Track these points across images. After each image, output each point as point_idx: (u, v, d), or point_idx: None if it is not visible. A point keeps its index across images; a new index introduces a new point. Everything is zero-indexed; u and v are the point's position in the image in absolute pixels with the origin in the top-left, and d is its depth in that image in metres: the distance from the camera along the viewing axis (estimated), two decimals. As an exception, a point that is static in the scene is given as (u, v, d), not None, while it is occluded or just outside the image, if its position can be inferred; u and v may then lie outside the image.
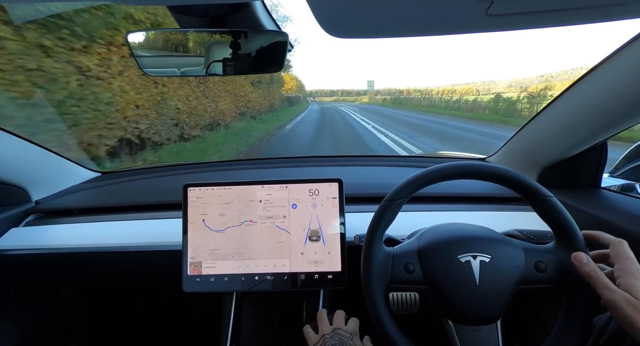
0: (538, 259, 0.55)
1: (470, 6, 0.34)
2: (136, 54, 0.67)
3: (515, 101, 21.93)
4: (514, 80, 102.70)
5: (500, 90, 68.82)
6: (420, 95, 64.12)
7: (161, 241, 0.84)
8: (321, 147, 7.58)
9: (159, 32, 0.73)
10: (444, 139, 9.23)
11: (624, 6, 0.35)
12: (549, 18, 0.38)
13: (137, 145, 4.57)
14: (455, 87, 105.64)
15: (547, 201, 0.54)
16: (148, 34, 0.70)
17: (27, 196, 0.95)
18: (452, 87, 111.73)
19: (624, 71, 0.62)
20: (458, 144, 8.65)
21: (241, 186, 0.75)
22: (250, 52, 0.68)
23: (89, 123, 3.55)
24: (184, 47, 0.69)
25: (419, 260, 0.58)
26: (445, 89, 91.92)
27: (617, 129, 0.72)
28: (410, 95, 71.53)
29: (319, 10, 0.36)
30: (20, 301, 0.96)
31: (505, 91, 61.86)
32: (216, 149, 6.56)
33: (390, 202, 0.58)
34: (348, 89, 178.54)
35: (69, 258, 0.87)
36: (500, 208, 0.89)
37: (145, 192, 1.06)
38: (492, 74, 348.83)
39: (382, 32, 0.42)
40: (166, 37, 0.70)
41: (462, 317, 0.55)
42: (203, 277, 0.73)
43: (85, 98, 3.50)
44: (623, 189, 0.87)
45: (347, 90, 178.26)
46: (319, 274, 0.72)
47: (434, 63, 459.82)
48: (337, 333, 0.59)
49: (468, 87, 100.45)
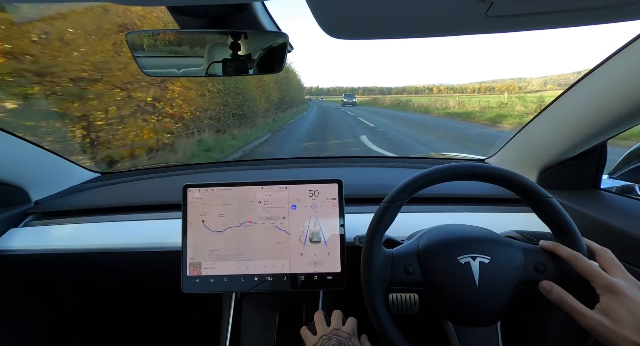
0: (537, 260, 0.55)
1: (470, 8, 0.34)
2: (136, 55, 0.67)
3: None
4: (548, 77, 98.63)
5: (536, 87, 65.95)
6: (453, 92, 61.27)
7: (160, 242, 0.83)
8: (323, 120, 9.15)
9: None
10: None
11: (625, 8, 0.35)
12: (549, 20, 0.38)
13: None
14: (482, 85, 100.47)
15: (546, 202, 0.54)
16: (148, 35, 0.70)
17: (26, 196, 0.95)
18: (478, 84, 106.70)
19: (624, 72, 0.62)
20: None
21: (241, 187, 0.75)
22: (250, 53, 0.68)
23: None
24: (184, 46, 0.70)
25: (418, 261, 0.58)
26: (482, 86, 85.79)
27: (616, 131, 0.72)
28: (442, 92, 68.44)
29: (319, 11, 0.36)
30: (20, 302, 0.96)
31: (547, 89, 59.47)
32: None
33: (390, 203, 0.58)
34: (370, 87, 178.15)
35: (69, 258, 0.86)
36: (499, 209, 0.89)
37: (145, 192, 1.06)
38: (519, 71, 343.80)
39: (383, 34, 0.42)
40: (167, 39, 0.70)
41: (462, 318, 0.55)
42: (202, 278, 0.72)
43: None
44: (623, 190, 0.87)
45: (369, 87, 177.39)
46: (319, 275, 0.72)
47: (459, 60, 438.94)
48: (335, 333, 0.59)
49: (507, 83, 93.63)
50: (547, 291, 0.50)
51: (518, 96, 31.12)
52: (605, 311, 0.44)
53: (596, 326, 0.44)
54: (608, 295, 0.45)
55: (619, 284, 0.45)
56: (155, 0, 0.38)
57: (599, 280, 0.46)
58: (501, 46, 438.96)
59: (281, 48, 0.67)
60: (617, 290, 0.44)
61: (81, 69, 4.97)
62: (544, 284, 0.51)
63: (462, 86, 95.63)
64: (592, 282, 0.47)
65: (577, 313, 0.46)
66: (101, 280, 1.04)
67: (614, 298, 0.44)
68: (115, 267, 0.90)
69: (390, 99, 61.35)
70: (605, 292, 0.45)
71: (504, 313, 0.54)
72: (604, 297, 0.45)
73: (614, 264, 0.49)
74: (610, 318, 0.43)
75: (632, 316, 0.42)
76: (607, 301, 0.44)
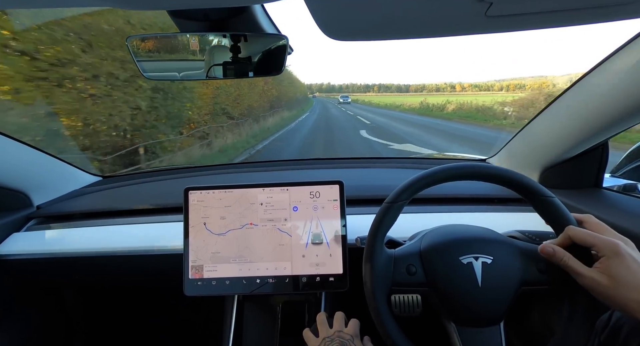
0: (540, 260, 0.54)
1: (470, 8, 0.34)
2: (136, 59, 0.67)
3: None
4: (574, 74, 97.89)
5: (563, 86, 64.56)
6: (478, 90, 56.01)
7: (162, 245, 0.84)
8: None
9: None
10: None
11: (623, 6, 0.35)
12: (548, 19, 0.38)
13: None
14: (502, 83, 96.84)
15: (549, 201, 0.54)
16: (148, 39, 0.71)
17: (28, 200, 0.96)
18: (497, 83, 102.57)
19: (625, 70, 0.62)
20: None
21: (242, 189, 0.75)
22: (250, 56, 0.68)
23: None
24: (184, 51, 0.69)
25: (420, 262, 0.57)
26: (512, 84, 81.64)
27: (618, 129, 0.72)
28: (466, 90, 62.91)
29: (318, 13, 0.36)
30: (22, 306, 0.96)
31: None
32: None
33: (392, 204, 0.58)
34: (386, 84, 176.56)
35: (71, 262, 0.87)
36: (501, 209, 0.89)
37: (146, 196, 1.06)
38: (541, 69, 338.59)
39: (382, 35, 0.43)
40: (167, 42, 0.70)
41: (465, 319, 0.55)
42: (204, 280, 0.72)
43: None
44: (625, 189, 0.86)
45: (385, 84, 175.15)
46: (321, 277, 0.72)
47: (477, 57, 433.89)
48: (338, 335, 0.59)
49: (538, 80, 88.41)
50: (550, 255, 0.50)
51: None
52: (605, 270, 0.44)
53: (594, 285, 0.45)
54: (610, 256, 0.45)
55: (614, 243, 0.45)
56: (155, 4, 0.38)
57: (598, 243, 0.46)
58: (522, 43, 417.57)
59: (281, 50, 0.67)
60: (614, 250, 0.45)
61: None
62: (546, 248, 0.50)
63: (487, 83, 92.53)
64: (593, 247, 0.47)
65: (577, 273, 0.47)
66: (103, 283, 1.04)
67: (611, 258, 0.45)
68: (118, 270, 0.90)
69: (412, 100, 44.92)
70: (608, 252, 0.45)
71: (506, 313, 0.54)
72: (604, 258, 0.45)
73: (601, 227, 0.49)
74: (609, 276, 0.44)
75: (629, 274, 0.43)
76: (607, 261, 0.45)
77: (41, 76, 3.98)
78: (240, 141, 9.57)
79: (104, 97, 4.98)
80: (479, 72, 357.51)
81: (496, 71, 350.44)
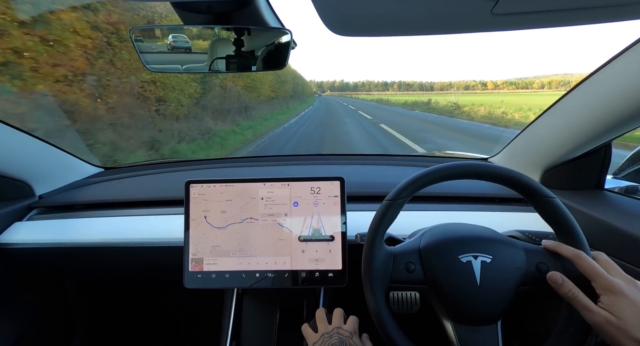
0: (539, 261, 0.54)
1: (476, 5, 0.34)
2: (140, 51, 0.67)
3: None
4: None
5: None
6: (515, 88, 49.21)
7: (163, 237, 0.84)
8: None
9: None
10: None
11: (630, 6, 0.34)
12: (554, 18, 0.38)
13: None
14: (543, 80, 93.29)
15: (549, 202, 0.54)
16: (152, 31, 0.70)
17: (30, 190, 0.96)
18: (536, 79, 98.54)
19: (629, 72, 0.61)
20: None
21: (243, 184, 0.75)
22: (253, 50, 0.68)
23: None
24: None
25: (420, 260, 0.58)
26: (554, 81, 76.04)
27: (621, 131, 0.71)
28: (500, 88, 56.46)
29: (323, 9, 0.36)
30: (23, 295, 0.97)
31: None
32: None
33: (392, 201, 0.58)
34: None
35: (72, 252, 0.87)
36: (502, 209, 0.89)
37: (148, 188, 1.07)
38: (565, 67, 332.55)
39: (388, 31, 0.42)
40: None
41: (463, 317, 0.55)
42: (204, 273, 0.73)
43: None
44: (627, 191, 0.86)
45: (406, 82, 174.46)
46: (320, 273, 0.72)
47: (495, 55, 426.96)
48: (336, 332, 0.59)
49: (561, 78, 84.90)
50: (558, 284, 0.49)
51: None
52: (609, 308, 0.45)
53: (603, 323, 0.44)
54: (609, 295, 0.45)
55: (618, 284, 0.45)
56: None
57: (600, 280, 0.46)
58: (544, 40, 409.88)
59: (285, 45, 0.67)
60: (617, 290, 0.45)
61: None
62: (555, 276, 0.50)
63: (525, 80, 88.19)
64: (593, 281, 0.47)
65: (586, 309, 0.46)
66: (103, 274, 1.05)
67: (614, 297, 0.45)
68: (118, 262, 0.90)
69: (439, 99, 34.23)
70: (605, 292, 0.46)
71: (504, 312, 0.54)
72: (604, 297, 0.46)
73: (609, 265, 0.49)
74: (615, 315, 0.44)
75: (635, 314, 0.43)
76: (608, 300, 0.45)
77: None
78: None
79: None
80: (514, 68, 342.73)
81: (535, 66, 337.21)
